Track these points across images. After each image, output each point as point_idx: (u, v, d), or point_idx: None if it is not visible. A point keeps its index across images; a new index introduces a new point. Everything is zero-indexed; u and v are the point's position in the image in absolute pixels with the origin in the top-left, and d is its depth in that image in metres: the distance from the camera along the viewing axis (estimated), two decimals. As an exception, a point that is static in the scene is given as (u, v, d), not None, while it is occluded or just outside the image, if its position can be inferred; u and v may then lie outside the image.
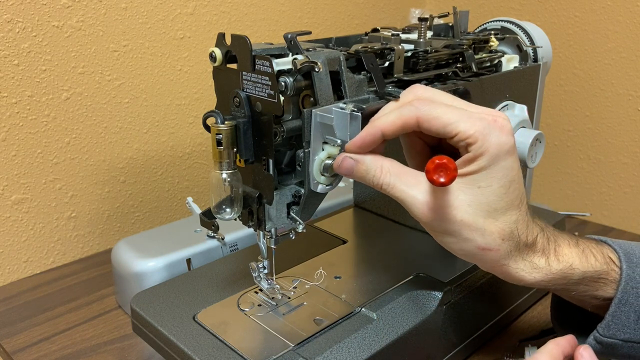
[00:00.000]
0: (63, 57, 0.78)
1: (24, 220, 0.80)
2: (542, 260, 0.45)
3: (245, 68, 0.45)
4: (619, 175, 1.03)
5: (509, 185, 0.42)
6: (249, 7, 0.97)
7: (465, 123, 0.41)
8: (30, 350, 0.64)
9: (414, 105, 0.42)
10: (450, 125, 0.41)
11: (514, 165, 0.42)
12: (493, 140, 0.41)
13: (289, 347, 0.50)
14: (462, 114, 0.41)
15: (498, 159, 0.41)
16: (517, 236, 0.43)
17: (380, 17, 1.21)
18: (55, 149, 0.80)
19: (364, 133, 0.43)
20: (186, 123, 0.94)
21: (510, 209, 0.43)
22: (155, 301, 0.57)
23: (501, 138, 0.41)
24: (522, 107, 0.61)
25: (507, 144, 0.41)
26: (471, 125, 0.41)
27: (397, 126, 0.42)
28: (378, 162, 0.44)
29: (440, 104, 0.42)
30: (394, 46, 0.51)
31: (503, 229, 0.43)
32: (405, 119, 0.42)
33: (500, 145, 0.41)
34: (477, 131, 0.40)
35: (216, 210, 0.48)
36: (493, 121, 0.41)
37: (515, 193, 0.43)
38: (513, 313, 0.66)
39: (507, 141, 0.41)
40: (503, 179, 0.42)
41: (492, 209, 0.42)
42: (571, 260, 0.46)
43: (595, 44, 1.02)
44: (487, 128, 0.41)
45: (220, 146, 0.45)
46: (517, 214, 0.43)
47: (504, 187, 0.42)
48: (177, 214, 0.96)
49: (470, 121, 0.41)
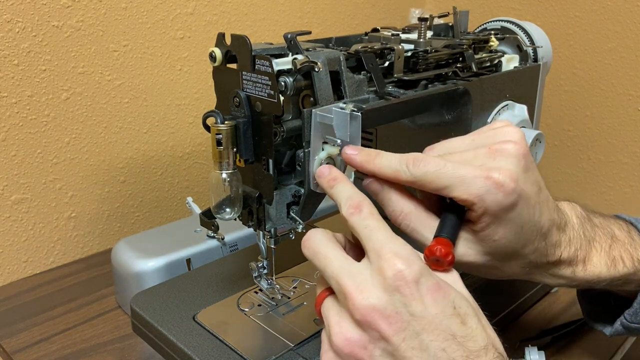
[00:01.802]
0: (63, 57, 0.78)
1: (24, 220, 0.80)
2: (568, 270, 0.46)
3: (245, 68, 0.45)
4: (619, 175, 1.03)
5: (521, 230, 0.41)
6: (249, 7, 0.97)
7: (459, 188, 0.39)
8: (30, 350, 0.64)
9: (408, 168, 0.41)
10: (445, 190, 0.40)
11: (522, 211, 0.40)
12: (490, 201, 0.39)
13: (289, 347, 0.50)
14: (455, 177, 0.39)
15: (501, 216, 0.40)
16: (536, 263, 0.44)
17: (380, 17, 1.21)
18: (55, 149, 0.80)
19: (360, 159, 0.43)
20: (186, 123, 0.94)
21: (527, 246, 0.42)
22: (155, 301, 0.57)
23: (498, 197, 0.39)
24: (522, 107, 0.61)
25: (506, 201, 0.39)
26: (465, 190, 0.39)
27: (390, 178, 0.42)
28: (399, 204, 0.43)
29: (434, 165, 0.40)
30: (394, 46, 0.51)
31: (522, 263, 0.44)
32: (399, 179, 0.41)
33: (498, 204, 0.39)
34: (471, 195, 0.39)
35: (216, 210, 0.48)
36: (487, 179, 0.39)
37: (530, 231, 0.42)
38: (513, 313, 0.66)
39: (504, 199, 0.39)
40: (514, 228, 0.41)
41: (509, 253, 0.42)
42: (598, 271, 0.46)
43: (595, 44, 1.02)
44: (482, 189, 0.39)
45: (220, 146, 0.45)
46: (534, 247, 0.43)
47: (517, 234, 0.41)
48: (177, 214, 0.96)
49: (464, 185, 0.39)
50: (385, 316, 0.35)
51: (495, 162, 0.40)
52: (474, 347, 0.35)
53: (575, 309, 0.70)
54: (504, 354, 0.37)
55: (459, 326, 0.35)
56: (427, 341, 0.35)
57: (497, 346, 0.37)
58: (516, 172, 0.39)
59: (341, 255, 0.38)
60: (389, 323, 0.35)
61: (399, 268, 0.35)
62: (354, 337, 0.36)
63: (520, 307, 0.67)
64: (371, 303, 0.35)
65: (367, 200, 0.40)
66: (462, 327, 0.36)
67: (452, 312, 0.36)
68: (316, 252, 0.39)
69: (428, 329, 0.35)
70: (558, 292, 0.74)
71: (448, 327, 0.35)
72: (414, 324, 0.35)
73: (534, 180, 0.41)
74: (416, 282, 0.35)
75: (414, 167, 0.40)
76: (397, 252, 0.36)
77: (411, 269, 0.35)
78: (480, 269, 0.44)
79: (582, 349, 0.63)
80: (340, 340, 0.36)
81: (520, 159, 0.40)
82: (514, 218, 0.40)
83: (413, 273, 0.35)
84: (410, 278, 0.35)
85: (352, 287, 0.36)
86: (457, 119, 0.57)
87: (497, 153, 0.40)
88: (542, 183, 0.43)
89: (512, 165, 0.40)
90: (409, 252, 0.37)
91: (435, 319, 0.35)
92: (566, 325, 0.65)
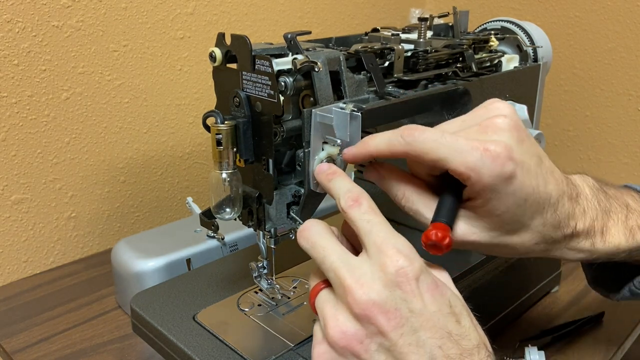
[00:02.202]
0: (63, 57, 0.78)
1: (24, 220, 0.80)
2: (586, 242, 0.44)
3: (245, 68, 0.45)
4: (619, 175, 1.03)
5: (525, 202, 0.40)
6: (249, 7, 0.97)
7: (455, 160, 0.38)
8: (30, 350, 0.64)
9: (404, 136, 0.40)
10: (439, 162, 0.39)
11: (524, 182, 0.39)
12: (486, 174, 0.38)
13: (289, 347, 0.50)
14: (451, 148, 0.38)
15: (499, 189, 0.38)
16: (550, 236, 0.42)
17: (380, 17, 1.21)
18: (55, 149, 0.80)
19: (356, 149, 0.43)
20: (186, 123, 0.94)
21: (535, 218, 0.41)
22: (155, 301, 0.57)
23: (494, 169, 0.37)
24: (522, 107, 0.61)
25: (503, 173, 0.38)
26: (461, 162, 0.38)
27: (385, 153, 0.41)
28: (402, 185, 0.43)
29: (430, 135, 0.39)
30: (394, 46, 0.51)
31: (532, 237, 0.42)
32: (394, 149, 0.40)
33: (495, 177, 0.38)
34: (467, 168, 0.38)
35: (216, 210, 0.48)
36: (484, 151, 0.38)
37: (535, 204, 0.40)
38: (513, 313, 0.66)
39: (501, 171, 0.38)
40: (517, 201, 0.39)
41: (515, 226, 0.41)
42: (617, 241, 0.45)
43: (595, 44, 1.02)
44: (479, 162, 0.37)
45: (220, 146, 0.45)
46: (543, 219, 0.41)
47: (521, 207, 0.40)
48: (177, 214, 0.96)
49: (460, 157, 0.38)
50: (385, 311, 0.35)
51: (488, 136, 0.39)
52: (468, 346, 0.35)
53: (576, 309, 0.70)
54: (493, 354, 0.37)
55: (455, 325, 0.36)
56: (425, 338, 0.35)
57: (487, 346, 0.37)
58: (510, 144, 0.38)
59: (340, 248, 0.38)
60: (387, 318, 0.35)
61: (401, 265, 0.35)
62: (350, 331, 0.36)
63: (520, 307, 0.67)
64: (371, 298, 0.35)
65: (367, 194, 0.40)
66: (457, 325, 0.36)
67: (448, 311, 0.36)
68: (314, 243, 0.39)
69: (426, 326, 0.35)
70: (558, 292, 0.74)
71: (445, 325, 0.35)
72: (413, 320, 0.35)
73: (532, 152, 0.40)
74: (416, 280, 0.35)
75: (409, 136, 0.39)
76: (399, 248, 0.36)
77: (413, 267, 0.36)
78: (491, 248, 0.42)
79: (582, 349, 0.63)
80: (336, 333, 0.36)
81: (513, 131, 0.39)
82: (515, 190, 0.39)
83: (414, 270, 0.35)
84: (412, 275, 0.35)
85: (352, 280, 0.36)
86: (457, 119, 0.57)
87: (488, 128, 0.40)
88: (542, 154, 0.42)
89: (505, 137, 0.39)
90: (410, 249, 0.37)
91: (433, 317, 0.35)
92: (566, 325, 0.65)
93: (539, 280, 0.69)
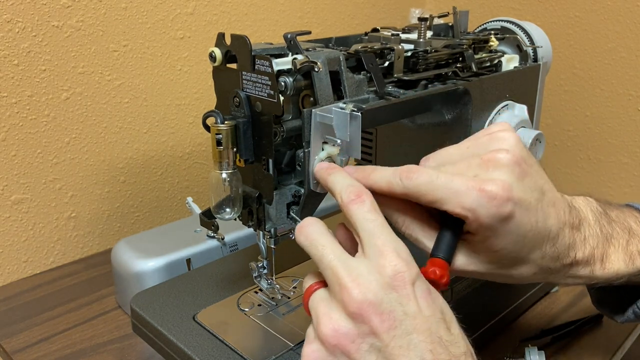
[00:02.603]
0: (63, 57, 0.78)
1: (24, 220, 0.80)
2: (585, 270, 0.45)
3: (245, 68, 0.45)
4: (619, 175, 1.03)
5: (524, 239, 0.40)
6: (249, 7, 0.97)
7: (451, 201, 0.38)
8: (30, 350, 0.64)
9: (401, 180, 0.40)
10: (437, 202, 0.39)
11: (522, 220, 0.39)
12: (483, 215, 0.38)
13: (289, 347, 0.50)
14: (447, 190, 0.38)
15: (498, 228, 0.39)
16: (548, 267, 0.43)
17: (380, 17, 1.21)
18: (55, 149, 0.80)
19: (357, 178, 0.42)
20: (186, 123, 0.94)
21: (534, 252, 0.41)
22: (155, 301, 0.57)
23: (491, 210, 0.38)
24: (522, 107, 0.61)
25: (501, 214, 0.38)
26: (458, 203, 0.38)
27: (384, 191, 0.41)
28: (401, 215, 0.43)
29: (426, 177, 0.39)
30: (393, 46, 0.51)
31: (530, 269, 0.42)
32: (393, 189, 0.41)
33: (492, 217, 0.38)
34: (464, 209, 0.38)
35: (216, 210, 0.48)
36: (480, 191, 0.38)
37: (534, 239, 0.41)
38: (513, 313, 0.66)
39: (498, 212, 0.38)
40: (515, 238, 0.40)
41: (514, 260, 0.42)
42: (617, 268, 0.45)
43: (595, 44, 1.02)
44: (475, 202, 0.38)
45: (220, 146, 0.45)
46: (542, 252, 0.42)
47: (519, 243, 0.40)
48: (177, 214, 0.96)
49: (456, 199, 0.38)
50: (379, 312, 0.35)
51: (488, 173, 0.39)
52: (457, 352, 0.36)
53: (576, 309, 0.70)
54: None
55: (446, 331, 0.36)
56: (417, 341, 0.35)
57: (473, 355, 0.38)
58: (509, 182, 0.38)
59: (338, 246, 0.38)
60: (382, 319, 0.35)
61: (399, 269, 0.36)
62: (343, 329, 0.36)
63: (520, 307, 0.67)
64: (367, 298, 0.35)
65: (369, 192, 0.40)
66: (448, 332, 0.36)
67: (440, 317, 0.36)
68: (313, 240, 0.39)
69: (419, 330, 0.35)
70: (558, 292, 0.74)
71: (437, 330, 0.36)
72: (406, 323, 0.35)
73: (533, 187, 0.40)
74: (412, 285, 0.36)
75: (407, 179, 0.40)
76: (398, 252, 0.36)
77: (410, 272, 0.36)
78: (488, 277, 0.43)
79: (582, 349, 0.63)
80: (328, 330, 0.36)
81: (514, 168, 0.39)
82: (513, 229, 0.39)
83: (411, 275, 0.36)
84: (408, 280, 0.36)
85: (349, 279, 0.36)
86: (457, 119, 0.57)
87: (489, 163, 0.39)
88: (546, 186, 0.42)
89: (505, 175, 0.39)
90: (408, 255, 0.37)
91: (426, 321, 0.35)
92: (566, 325, 0.65)
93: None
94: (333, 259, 0.37)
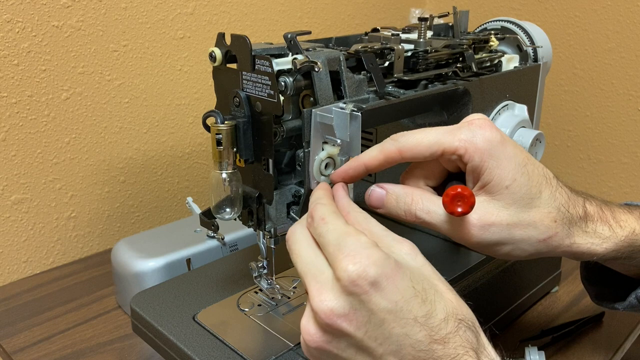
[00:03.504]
0: (63, 57, 0.78)
1: (24, 220, 0.80)
2: (605, 228, 0.45)
3: (245, 68, 0.45)
4: (619, 175, 1.03)
5: (525, 169, 0.41)
6: (249, 7, 0.97)
7: (446, 138, 0.41)
8: (30, 350, 0.64)
9: (392, 138, 0.42)
10: (433, 145, 0.41)
11: (516, 150, 0.41)
12: (479, 140, 0.40)
13: (289, 347, 0.50)
14: (439, 132, 0.41)
15: (496, 153, 0.41)
16: (566, 210, 0.43)
17: (380, 17, 1.21)
18: (55, 149, 0.80)
19: (347, 166, 0.44)
20: (186, 123, 0.94)
21: (543, 189, 0.42)
22: (155, 301, 0.57)
23: (485, 134, 0.41)
24: (522, 107, 0.61)
25: (494, 137, 0.41)
26: (452, 138, 0.41)
27: (380, 160, 0.43)
28: (408, 190, 0.43)
29: (417, 131, 0.42)
30: (394, 46, 0.51)
31: (549, 211, 0.42)
32: (387, 152, 0.42)
33: (487, 141, 0.41)
34: (460, 140, 0.41)
35: (216, 210, 0.48)
36: (469, 124, 0.41)
37: (537, 172, 0.42)
38: (513, 313, 0.66)
39: (491, 135, 0.41)
40: (517, 166, 0.41)
41: (528, 198, 0.42)
42: (632, 226, 0.46)
43: (595, 44, 1.02)
44: (468, 133, 0.41)
45: (220, 146, 0.45)
46: (550, 189, 0.42)
47: (525, 174, 0.41)
48: (177, 214, 0.96)
49: (450, 134, 0.41)
50: (344, 315, 0.35)
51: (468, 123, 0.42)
52: (435, 322, 0.36)
53: (576, 309, 0.70)
54: (467, 319, 0.37)
55: (419, 306, 0.36)
56: (389, 329, 0.35)
57: (457, 314, 0.37)
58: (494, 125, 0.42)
59: (311, 254, 0.39)
60: (349, 321, 0.35)
61: (352, 276, 0.35)
62: (317, 334, 0.37)
63: (520, 307, 0.67)
64: (329, 306, 0.36)
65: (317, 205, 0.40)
66: (422, 305, 0.36)
67: (411, 294, 0.36)
68: (291, 250, 0.40)
69: (389, 319, 0.35)
70: (558, 292, 0.74)
71: (409, 311, 0.35)
72: (373, 318, 0.35)
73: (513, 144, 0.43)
74: (372, 283, 0.35)
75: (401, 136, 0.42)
76: (349, 251, 0.36)
77: (365, 271, 0.35)
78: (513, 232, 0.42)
79: (582, 349, 0.63)
80: (306, 336, 0.37)
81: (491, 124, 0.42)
82: (511, 153, 0.41)
83: (367, 274, 0.35)
84: (366, 281, 0.35)
85: (314, 288, 0.37)
86: (457, 119, 0.56)
87: (464, 123, 0.42)
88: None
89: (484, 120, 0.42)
90: (362, 245, 0.36)
91: (395, 307, 0.35)
92: (566, 325, 0.65)
93: (539, 280, 0.69)
94: (304, 267, 0.39)
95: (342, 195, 0.43)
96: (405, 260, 0.38)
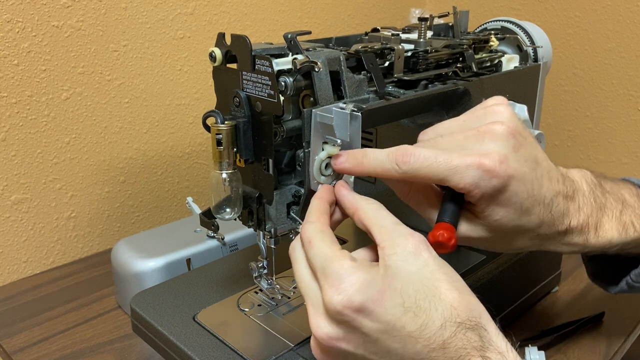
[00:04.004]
0: (63, 57, 0.78)
1: (24, 220, 0.80)
2: (580, 238, 0.46)
3: (245, 68, 0.45)
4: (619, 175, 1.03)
5: (521, 207, 0.42)
6: (249, 7, 0.97)
7: (453, 178, 0.40)
8: (30, 350, 0.64)
9: (398, 165, 0.41)
10: (440, 181, 0.40)
11: (518, 189, 0.41)
12: (484, 187, 0.40)
13: (289, 347, 0.50)
14: (447, 169, 0.40)
15: (498, 198, 0.41)
16: (545, 234, 0.44)
17: (380, 17, 1.21)
18: (55, 149, 0.80)
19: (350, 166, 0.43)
20: (186, 123, 0.94)
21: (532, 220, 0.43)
22: (155, 301, 0.57)
23: (491, 182, 0.39)
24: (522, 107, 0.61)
25: (499, 186, 0.40)
26: (460, 179, 0.39)
27: (380, 175, 0.42)
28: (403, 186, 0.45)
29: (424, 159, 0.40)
30: (394, 46, 0.51)
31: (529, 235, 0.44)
32: (390, 177, 0.42)
33: (491, 189, 0.40)
34: (466, 184, 0.40)
35: (216, 210, 0.48)
36: (479, 166, 0.39)
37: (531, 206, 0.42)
38: (513, 313, 0.66)
39: (497, 184, 0.40)
40: (513, 206, 0.41)
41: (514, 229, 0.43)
42: (610, 236, 0.46)
43: (595, 44, 1.02)
44: (476, 177, 0.39)
45: (220, 146, 0.45)
46: (539, 220, 0.43)
47: (518, 212, 0.42)
48: (177, 214, 0.96)
49: (458, 176, 0.39)
50: (341, 338, 0.37)
51: (484, 145, 0.40)
52: (430, 332, 0.35)
53: (576, 309, 0.70)
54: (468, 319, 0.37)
55: (412, 320, 0.36)
56: (387, 345, 0.36)
57: (457, 315, 0.36)
58: (505, 154, 0.40)
59: (307, 276, 0.40)
60: (346, 342, 0.37)
61: (337, 308, 0.36)
62: (321, 356, 0.39)
63: (520, 307, 0.67)
64: (324, 332, 0.37)
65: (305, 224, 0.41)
66: (415, 318, 0.36)
67: (402, 311, 0.36)
68: (292, 266, 0.42)
69: (383, 338, 0.36)
70: (558, 292, 0.74)
71: (402, 327, 0.36)
72: (368, 338, 0.36)
73: (527, 157, 0.41)
74: (359, 310, 0.35)
75: (404, 164, 0.40)
76: (332, 282, 0.36)
77: (350, 300, 0.35)
78: (487, 244, 0.44)
79: (582, 349, 0.63)
80: (314, 351, 0.39)
81: (509, 139, 0.40)
82: (510, 198, 0.41)
83: (352, 303, 0.35)
84: (352, 310, 0.35)
85: (311, 312, 0.38)
86: (457, 119, 0.57)
87: (485, 135, 0.41)
88: (540, 156, 0.43)
89: (500, 147, 0.40)
90: (346, 272, 0.36)
91: (387, 327, 0.36)
92: (566, 325, 0.65)
93: (539, 280, 0.69)
94: (300, 282, 0.40)
95: (345, 193, 0.43)
96: (401, 266, 0.37)
